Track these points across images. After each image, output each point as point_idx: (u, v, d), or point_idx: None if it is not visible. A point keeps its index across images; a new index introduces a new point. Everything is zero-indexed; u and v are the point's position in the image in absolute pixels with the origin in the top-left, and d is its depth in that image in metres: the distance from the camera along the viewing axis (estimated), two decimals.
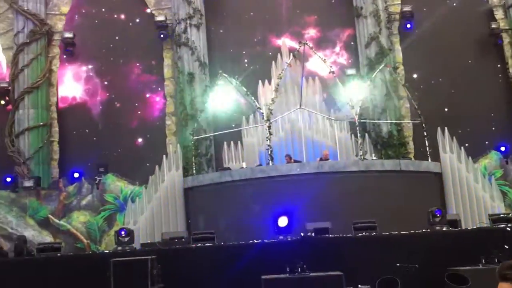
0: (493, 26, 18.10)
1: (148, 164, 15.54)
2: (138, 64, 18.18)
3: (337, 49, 18.40)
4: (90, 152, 16.86)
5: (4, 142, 16.53)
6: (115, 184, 14.98)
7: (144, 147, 17.54)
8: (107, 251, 12.04)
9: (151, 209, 13.92)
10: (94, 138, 17.41)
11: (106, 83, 18.09)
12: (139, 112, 17.90)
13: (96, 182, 15.20)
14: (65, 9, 18.31)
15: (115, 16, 18.50)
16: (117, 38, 18.30)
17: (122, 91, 17.98)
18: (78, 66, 18.17)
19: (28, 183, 14.96)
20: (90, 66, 18.17)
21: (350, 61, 18.21)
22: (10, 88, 17.02)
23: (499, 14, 18.48)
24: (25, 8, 17.49)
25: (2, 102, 17.00)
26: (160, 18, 17.86)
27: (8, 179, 15.17)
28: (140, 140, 17.72)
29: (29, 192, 14.88)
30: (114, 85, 18.04)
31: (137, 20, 18.49)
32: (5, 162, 16.32)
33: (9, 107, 17.08)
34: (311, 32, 18.39)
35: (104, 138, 17.35)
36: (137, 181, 15.21)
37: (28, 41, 17.27)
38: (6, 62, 17.73)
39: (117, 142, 17.37)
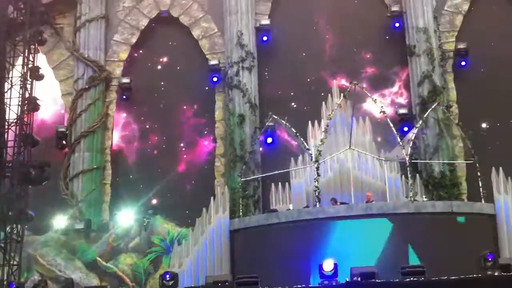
0: None
1: (195, 206, 15.61)
2: (188, 107, 18.57)
3: (395, 88, 18.11)
4: (140, 194, 17.21)
5: (59, 185, 17.14)
6: (163, 226, 15.18)
7: (192, 189, 17.71)
8: None
9: (197, 252, 13.95)
10: (143, 182, 17.70)
11: (157, 126, 18.51)
12: (187, 155, 18.17)
13: (144, 224, 15.44)
14: (124, 55, 19.05)
15: (169, 61, 19.06)
16: (169, 82, 18.82)
17: (173, 135, 18.37)
18: (132, 110, 18.76)
19: (79, 226, 15.40)
20: (143, 110, 18.73)
21: (406, 101, 17.88)
22: (68, 132, 17.79)
23: None
24: (86, 56, 18.37)
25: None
26: (213, 62, 18.30)
27: (60, 222, 15.62)
28: (188, 182, 17.89)
29: (79, 235, 15.30)
30: (165, 129, 18.47)
31: (190, 64, 18.99)
32: (58, 205, 16.78)
33: (66, 150, 17.78)
34: (368, 71, 18.20)
35: (154, 181, 17.58)
36: (184, 223, 15.32)
37: (87, 87, 18.07)
38: (65, 108, 18.58)
39: (166, 185, 17.57)
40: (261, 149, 17.47)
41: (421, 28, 17.59)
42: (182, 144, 18.27)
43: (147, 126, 18.56)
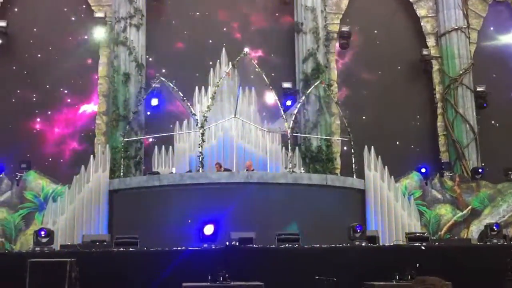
0: (425, 52, 18.88)
1: (73, 164, 15.09)
2: (69, 60, 17.58)
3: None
4: (13, 147, 16.19)
5: None
6: (37, 182, 14.39)
7: (70, 146, 17.01)
8: (24, 251, 11.55)
9: (73, 210, 13.52)
10: (17, 135, 16.72)
11: (36, 79, 17.37)
12: (66, 112, 17.38)
13: (17, 178, 14.58)
14: None
15: (50, 7, 17.88)
16: (49, 31, 17.70)
17: (53, 87, 17.42)
18: (8, 60, 17.39)
19: None
20: (21, 57, 17.46)
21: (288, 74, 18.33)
22: None
23: (431, 41, 19.32)
24: None
25: None
26: (99, 14, 17.47)
27: None
28: (67, 138, 17.19)
29: None
30: (45, 81, 17.41)
31: (75, 15, 17.99)
32: None
33: None
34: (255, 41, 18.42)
35: (30, 134, 16.74)
36: (60, 180, 14.70)
37: None
38: None
39: (43, 139, 16.81)
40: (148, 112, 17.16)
41: (309, 7, 18.11)
42: (59, 100, 17.36)
43: (27, 78, 17.28)
